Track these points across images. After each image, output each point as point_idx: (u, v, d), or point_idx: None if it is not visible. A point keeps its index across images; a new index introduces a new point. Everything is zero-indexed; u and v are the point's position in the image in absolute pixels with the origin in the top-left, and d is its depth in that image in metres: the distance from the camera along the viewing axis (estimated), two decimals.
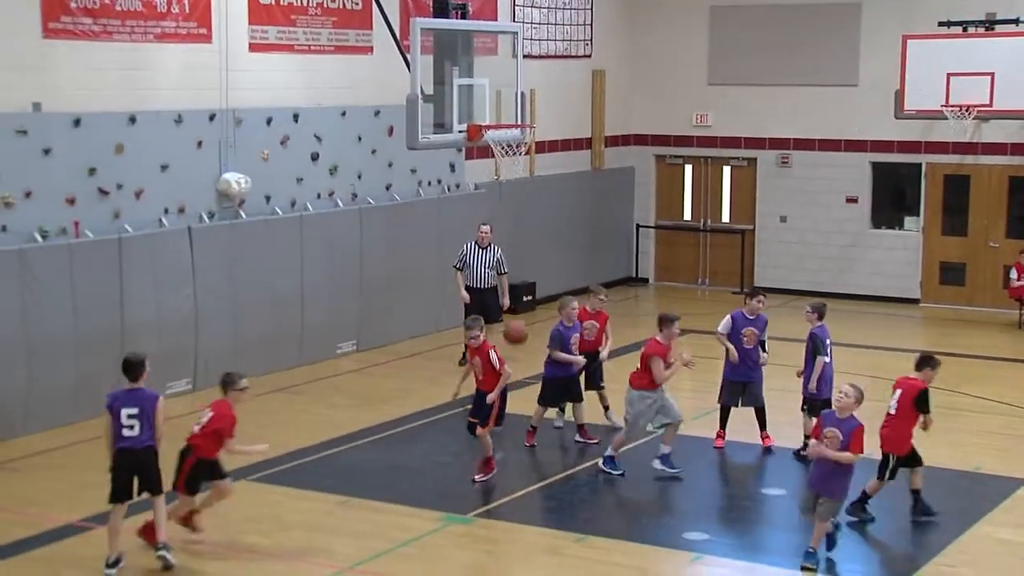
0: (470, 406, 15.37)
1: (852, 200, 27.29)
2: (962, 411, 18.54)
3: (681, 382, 18.07)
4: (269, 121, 20.36)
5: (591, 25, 27.48)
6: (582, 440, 16.80)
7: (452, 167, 23.92)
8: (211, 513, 14.06)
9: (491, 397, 14.70)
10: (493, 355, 14.95)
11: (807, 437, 15.56)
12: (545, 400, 16.87)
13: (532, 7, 25.69)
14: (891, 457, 13.89)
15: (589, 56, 27.50)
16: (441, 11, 18.76)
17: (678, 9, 28.25)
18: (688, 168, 29.03)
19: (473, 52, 18.72)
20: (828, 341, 16.20)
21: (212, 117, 19.46)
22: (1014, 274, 24.75)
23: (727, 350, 16.69)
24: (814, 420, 14.37)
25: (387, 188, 22.60)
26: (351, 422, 17.64)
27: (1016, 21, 24.27)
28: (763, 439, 16.76)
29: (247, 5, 20.01)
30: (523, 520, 14.07)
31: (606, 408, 17.44)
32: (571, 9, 26.89)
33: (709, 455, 16.56)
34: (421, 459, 16.27)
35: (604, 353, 17.51)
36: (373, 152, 22.19)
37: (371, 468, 15.93)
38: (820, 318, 16.40)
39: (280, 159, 20.59)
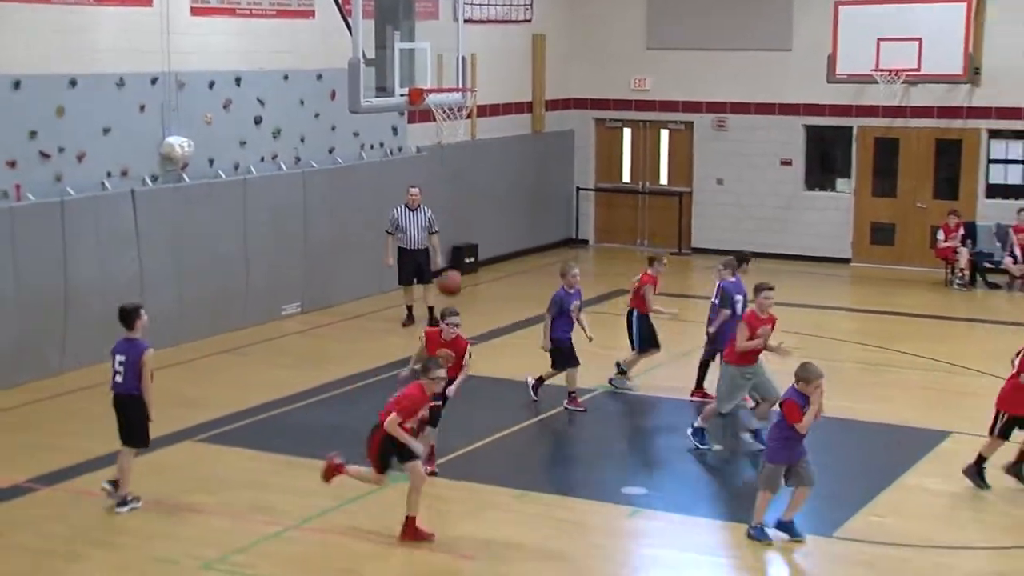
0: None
1: (786, 163, 27.32)
2: (892, 367, 18.68)
3: (623, 340, 17.99)
4: (211, 85, 20.06)
5: None
6: (571, 407, 16.48)
7: (394, 130, 23.71)
8: (156, 471, 13.93)
9: (452, 390, 13.87)
10: (469, 353, 14.23)
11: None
12: (562, 365, 16.51)
13: None
14: (1001, 414, 13.67)
15: (529, 21, 27.29)
16: None
17: None
18: (627, 131, 28.94)
19: (414, 16, 18.66)
20: (738, 296, 16.16)
21: (154, 81, 19.14)
22: (941, 235, 24.96)
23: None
24: None
25: (330, 151, 22.38)
26: (296, 382, 17.49)
27: None
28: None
29: None
30: (466, 477, 14.00)
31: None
32: None
33: (648, 412, 16.53)
34: (365, 419, 15.98)
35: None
36: (316, 116, 21.95)
37: (316, 428, 15.80)
38: (732, 273, 16.44)
39: (223, 123, 20.31)
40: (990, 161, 26.00)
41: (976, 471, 13.68)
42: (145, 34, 19.05)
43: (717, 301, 16.40)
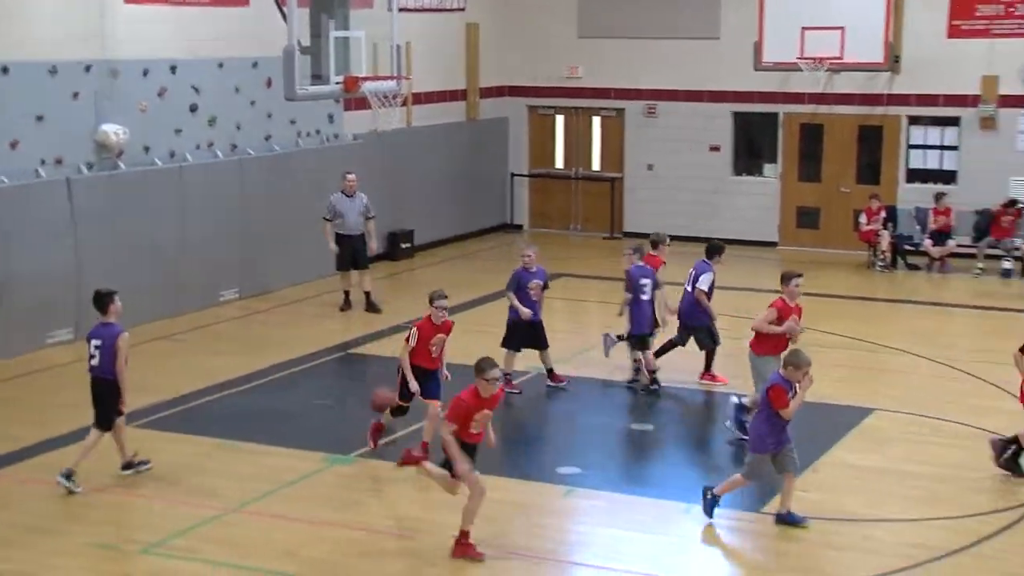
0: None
1: (715, 148, 27.44)
2: (817, 346, 18.65)
3: (556, 323, 18.07)
4: (146, 73, 19.89)
5: None
6: (553, 384, 16.58)
7: (330, 118, 23.63)
8: (95, 457, 13.80)
9: (446, 374, 13.92)
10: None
11: (636, 370, 16.55)
12: (510, 345, 16.58)
13: None
14: None
15: (463, 9, 27.25)
16: None
17: None
18: (560, 118, 28.96)
19: (349, 5, 18.60)
20: (644, 280, 16.26)
21: (88, 68, 18.96)
22: (863, 218, 25.19)
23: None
24: (639, 353, 15.91)
25: (266, 139, 22.27)
26: (234, 368, 17.40)
27: None
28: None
29: None
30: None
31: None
32: None
33: (581, 394, 16.59)
34: (303, 403, 16.18)
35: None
36: (252, 103, 21.83)
37: (254, 412, 15.73)
38: (640, 257, 16.56)
39: (158, 110, 20.15)
40: (910, 147, 26.23)
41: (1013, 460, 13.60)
42: (78, 21, 18.89)
43: (689, 287, 16.56)
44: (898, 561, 11.41)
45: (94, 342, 13.01)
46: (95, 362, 12.99)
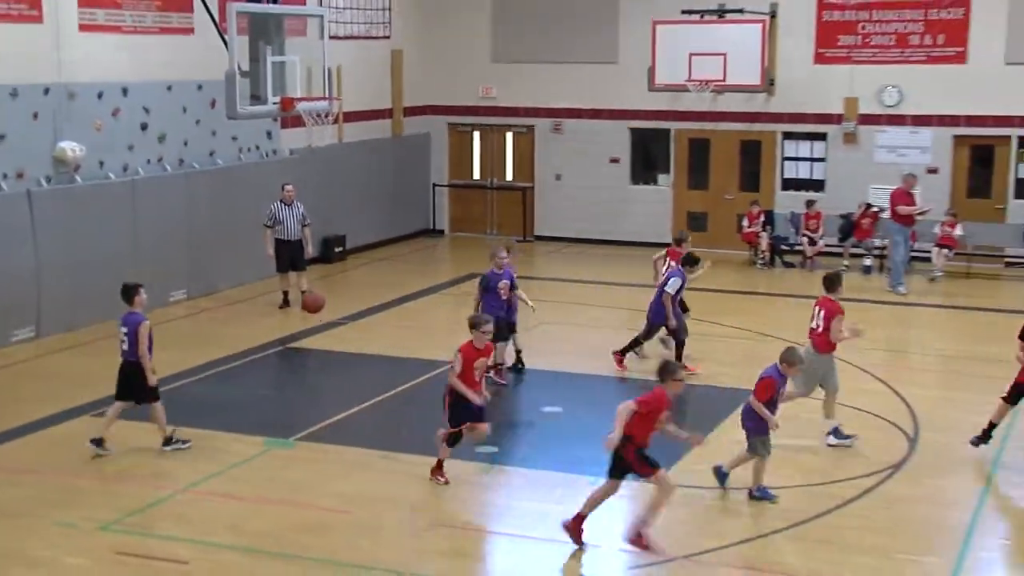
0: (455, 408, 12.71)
1: (615, 160, 27.48)
2: (707, 336, 18.89)
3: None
4: (100, 95, 19.61)
5: (389, 10, 27.13)
6: (494, 379, 15.92)
7: (269, 135, 23.44)
8: (56, 444, 13.68)
9: (486, 395, 12.71)
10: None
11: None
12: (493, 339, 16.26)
13: None
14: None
15: (388, 37, 27.14)
16: None
17: None
18: (476, 134, 28.90)
19: (284, 33, 18.55)
20: (504, 282, 16.13)
21: (46, 91, 18.66)
22: (745, 222, 25.50)
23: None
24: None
25: (211, 154, 22.03)
26: (183, 362, 17.21)
27: (741, 11, 24.89)
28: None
29: None
30: (338, 441, 13.95)
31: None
32: None
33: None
34: (245, 393, 16.09)
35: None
36: (197, 122, 21.59)
37: (201, 401, 15.61)
38: (505, 257, 16.49)
39: (112, 129, 19.88)
40: (784, 159, 26.43)
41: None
42: (37, 48, 18.60)
43: (670, 289, 16.63)
44: (779, 523, 11.57)
45: (121, 329, 13.35)
46: (124, 347, 13.33)
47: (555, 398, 15.77)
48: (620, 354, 17.00)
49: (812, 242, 24.81)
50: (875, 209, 24.67)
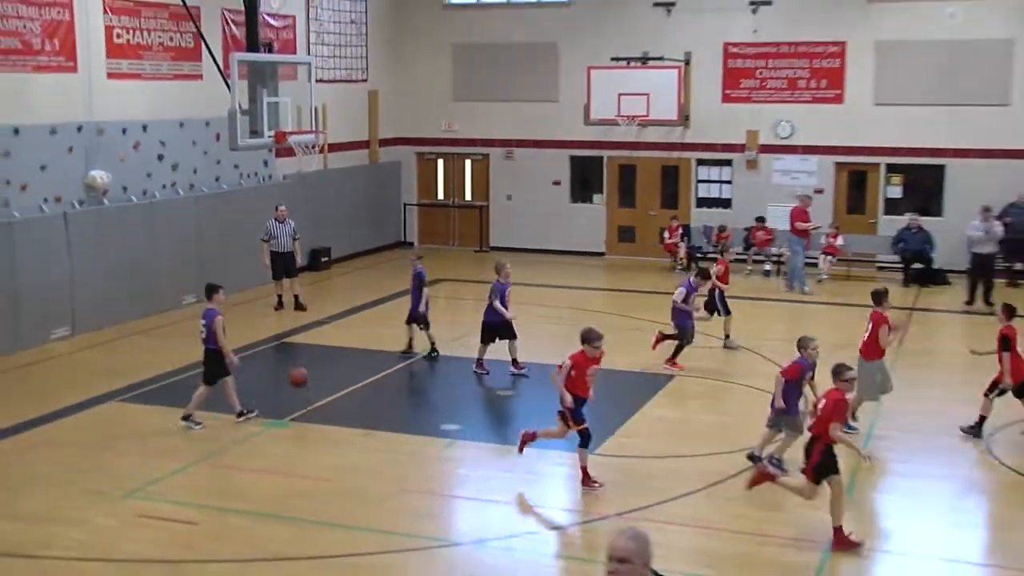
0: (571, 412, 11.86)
1: (557, 183, 27.51)
2: (634, 330, 18.98)
3: (439, 315, 18.07)
4: (124, 131, 19.53)
5: (366, 58, 27.06)
6: (515, 372, 15.96)
7: (265, 163, 23.35)
8: (87, 425, 13.62)
9: (592, 398, 11.93)
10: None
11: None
12: (484, 340, 16.16)
13: (322, 44, 25.20)
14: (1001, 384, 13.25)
15: (366, 80, 27.11)
16: (253, 47, 18.60)
17: (430, 46, 28.00)
18: (440, 161, 28.86)
19: (278, 78, 18.53)
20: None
21: (79, 128, 18.59)
22: (666, 234, 25.56)
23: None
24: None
25: (216, 180, 21.93)
26: (193, 355, 16.68)
27: (661, 58, 25.03)
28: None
29: (104, 45, 19.19)
30: (324, 422, 13.94)
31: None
32: (351, 46, 26.44)
33: (457, 371, 16.58)
34: (247, 380, 15.91)
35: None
36: (205, 153, 21.49)
37: None
38: (422, 263, 16.88)
39: (134, 160, 19.78)
40: (698, 181, 26.50)
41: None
42: (72, 93, 18.54)
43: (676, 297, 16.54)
44: (693, 485, 11.64)
45: (202, 322, 13.62)
46: (203, 336, 13.61)
47: (508, 383, 15.82)
48: (672, 361, 16.40)
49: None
50: (766, 222, 24.86)
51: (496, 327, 16.10)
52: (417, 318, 16.95)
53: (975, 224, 21.17)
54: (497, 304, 15.97)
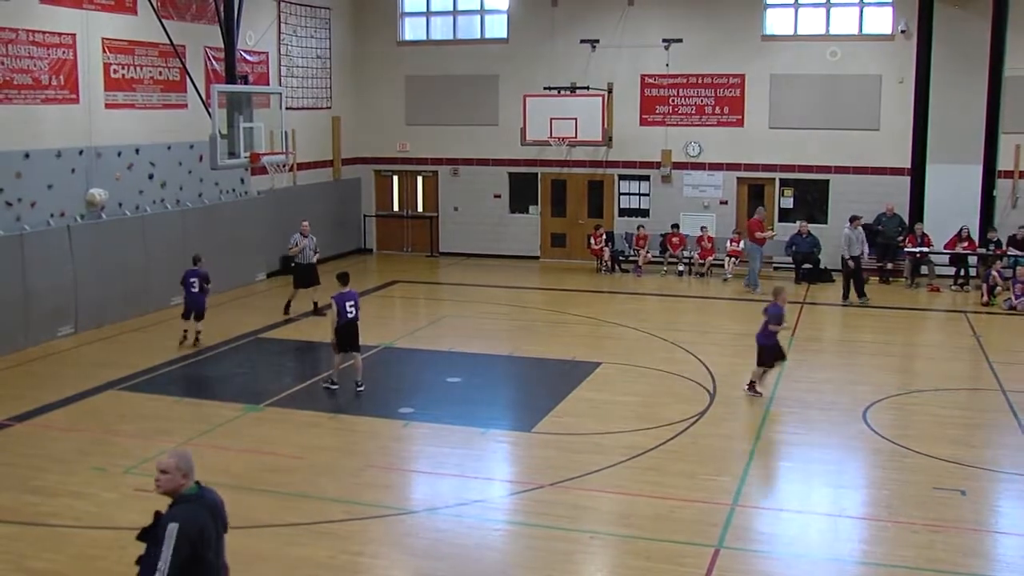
0: None
1: (497, 196, 27.54)
2: (564, 323, 19.13)
3: (395, 312, 18.07)
4: (119, 154, 19.42)
5: (331, 88, 27.01)
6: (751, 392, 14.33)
7: (242, 180, 23.22)
8: (90, 411, 13.55)
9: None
10: None
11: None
12: (762, 363, 14.75)
13: (292, 76, 25.13)
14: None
15: (329, 107, 27.06)
16: (231, 79, 18.54)
17: (386, 77, 27.96)
18: (395, 177, 28.77)
19: (253, 105, 18.55)
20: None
21: (81, 152, 18.49)
22: (592, 240, 25.62)
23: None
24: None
25: (200, 195, 21.82)
26: (181, 349, 17.10)
27: (587, 87, 25.14)
28: None
29: (103, 79, 19.09)
30: (297, 407, 13.89)
31: None
32: (317, 78, 26.37)
33: (413, 360, 16.60)
34: (228, 371, 15.98)
35: None
36: (190, 172, 21.39)
37: (196, 378, 15.54)
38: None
39: (128, 178, 19.66)
40: (620, 193, 26.62)
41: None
42: (75, 121, 18.43)
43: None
44: (617, 457, 11.73)
45: (347, 303, 14.25)
46: (351, 314, 14.25)
47: (456, 371, 15.82)
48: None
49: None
50: (679, 229, 25.13)
51: (772, 349, 14.25)
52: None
53: (846, 231, 21.66)
54: (772, 327, 14.15)
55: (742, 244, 23.73)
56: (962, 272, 22.86)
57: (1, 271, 16.64)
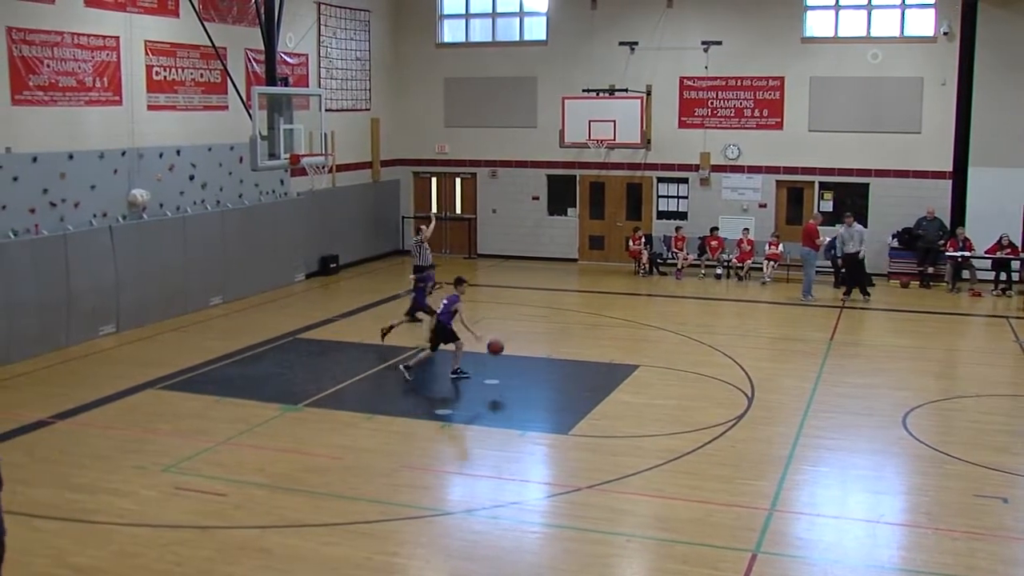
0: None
1: (536, 198, 27.55)
2: (603, 326, 19.10)
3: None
4: (161, 155, 19.60)
5: (370, 90, 27.10)
6: None
7: (282, 182, 23.38)
8: (129, 410, 13.67)
9: None
10: None
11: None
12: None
13: (331, 78, 25.26)
14: None
15: (369, 109, 27.15)
16: (271, 81, 18.60)
17: (425, 79, 28.05)
18: (434, 179, 28.86)
19: (293, 107, 18.57)
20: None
21: (123, 153, 18.67)
22: (631, 242, 25.53)
23: None
24: None
25: (240, 196, 21.96)
26: (221, 349, 17.22)
27: (626, 90, 25.01)
28: None
29: (145, 81, 19.27)
30: (334, 407, 13.95)
31: None
32: (357, 80, 26.49)
33: (448, 363, 16.61)
34: (266, 371, 16.04)
35: None
36: (230, 173, 21.53)
37: (234, 378, 15.58)
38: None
39: (169, 179, 19.85)
40: (658, 196, 26.56)
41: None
42: (118, 123, 18.61)
43: None
44: (654, 461, 11.69)
45: (444, 301, 14.97)
46: (440, 312, 14.96)
47: (493, 373, 15.80)
48: None
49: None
50: (719, 232, 25.02)
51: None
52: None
53: (840, 230, 21.50)
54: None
55: (797, 250, 23.28)
56: (1004, 277, 22.56)
57: (45, 271, 16.85)
